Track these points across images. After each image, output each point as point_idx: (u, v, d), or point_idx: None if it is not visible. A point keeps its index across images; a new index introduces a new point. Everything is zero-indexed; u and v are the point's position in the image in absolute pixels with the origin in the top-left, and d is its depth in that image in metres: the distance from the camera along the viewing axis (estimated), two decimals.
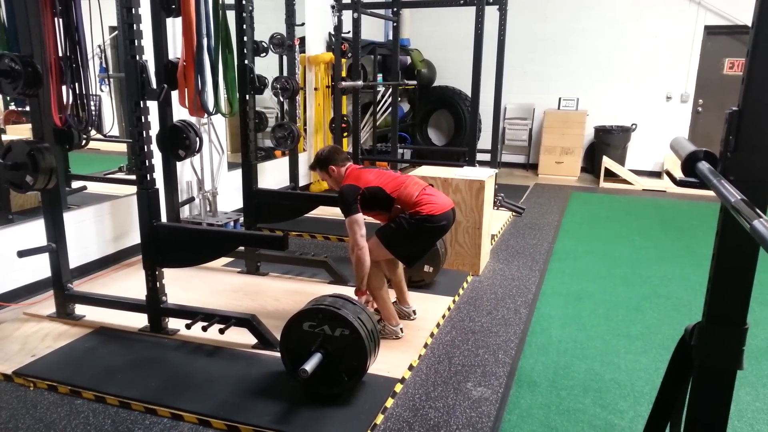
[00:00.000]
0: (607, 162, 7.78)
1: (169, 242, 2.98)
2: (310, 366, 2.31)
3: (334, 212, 5.44)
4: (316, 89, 6.61)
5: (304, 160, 6.60)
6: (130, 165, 4.73)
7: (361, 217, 2.89)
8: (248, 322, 2.93)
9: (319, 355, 2.38)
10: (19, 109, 4.19)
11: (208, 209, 4.81)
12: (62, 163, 4.08)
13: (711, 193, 1.09)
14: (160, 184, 3.00)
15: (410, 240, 2.95)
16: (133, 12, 2.66)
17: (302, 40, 6.34)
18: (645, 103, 8.11)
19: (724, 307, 1.22)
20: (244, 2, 3.53)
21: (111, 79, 4.59)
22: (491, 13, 5.60)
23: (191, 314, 2.97)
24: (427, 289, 3.75)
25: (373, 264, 2.93)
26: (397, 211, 2.94)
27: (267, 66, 5.72)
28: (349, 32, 5.83)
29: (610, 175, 7.82)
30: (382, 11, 6.99)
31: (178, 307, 3.08)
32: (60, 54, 2.77)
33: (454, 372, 2.82)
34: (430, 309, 3.44)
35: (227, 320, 2.92)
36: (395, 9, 6.42)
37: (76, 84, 2.82)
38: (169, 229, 3.04)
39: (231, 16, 3.32)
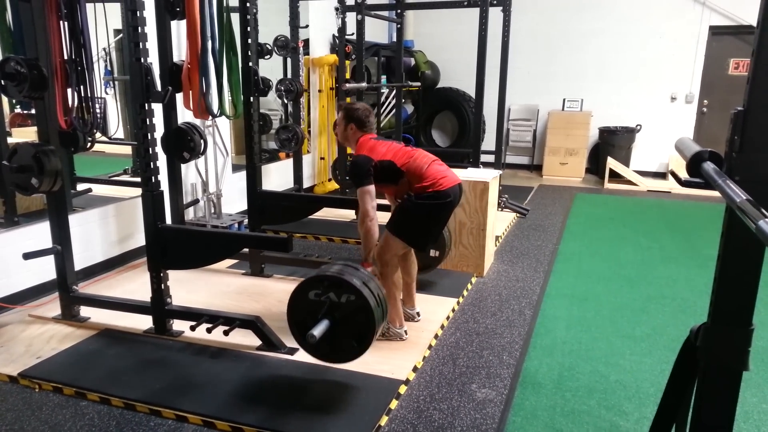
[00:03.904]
0: (611, 163, 7.76)
1: (174, 244, 2.99)
2: (318, 331, 2.27)
3: (338, 214, 5.45)
4: (320, 91, 6.62)
5: (308, 161, 6.61)
6: (134, 167, 4.74)
7: (373, 189, 2.88)
8: (253, 323, 2.93)
9: (326, 321, 2.34)
10: (25, 111, 4.21)
11: (212, 211, 4.82)
12: (67, 166, 4.09)
13: (716, 193, 1.09)
14: (164, 186, 3.01)
15: (418, 222, 2.94)
16: (138, 15, 2.68)
17: (306, 42, 6.35)
18: (649, 103, 8.09)
19: (730, 307, 1.22)
20: (248, 5, 3.54)
21: (116, 82, 4.62)
22: (495, 14, 5.60)
23: (196, 316, 2.98)
24: (432, 289, 3.75)
25: (393, 264, 2.96)
26: (404, 186, 2.93)
27: (271, 68, 5.73)
28: (352, 34, 5.84)
29: (615, 176, 7.80)
30: (385, 13, 7.00)
31: (183, 309, 3.09)
32: (65, 57, 2.78)
33: (458, 373, 2.82)
34: (434, 310, 3.43)
35: (232, 322, 2.92)
36: (399, 11, 6.43)
37: (81, 87, 2.83)
38: (174, 231, 3.05)
39: (235, 18, 3.33)
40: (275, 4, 5.66)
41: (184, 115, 3.21)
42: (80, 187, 4.42)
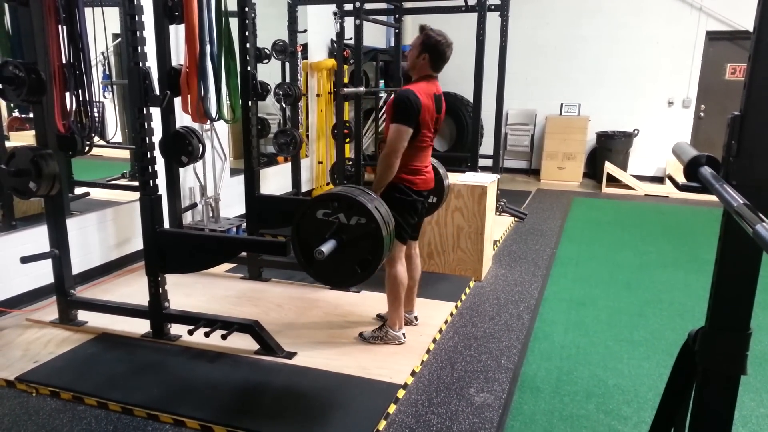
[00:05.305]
0: (609, 167, 7.77)
1: (172, 248, 2.99)
2: (326, 248, 2.20)
3: None
4: (318, 95, 6.63)
5: (306, 166, 6.61)
6: (132, 171, 4.74)
7: (410, 132, 2.73)
8: (250, 327, 2.92)
9: (334, 240, 2.27)
10: (23, 115, 4.21)
11: (210, 215, 4.81)
12: (65, 170, 4.10)
13: (713, 198, 1.09)
14: (162, 190, 3.01)
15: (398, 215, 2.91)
16: (137, 19, 2.68)
17: (304, 46, 6.36)
18: (647, 108, 8.11)
19: (728, 312, 1.22)
20: (246, 9, 3.55)
21: (114, 86, 4.62)
22: (493, 19, 5.61)
23: (194, 320, 2.97)
24: (430, 293, 3.74)
25: (398, 257, 2.95)
26: None
27: (269, 72, 5.74)
28: (351, 39, 5.84)
29: (613, 181, 7.81)
30: (384, 18, 7.02)
31: (181, 313, 3.08)
32: (63, 61, 2.79)
33: (456, 378, 2.82)
34: (432, 314, 3.43)
35: (229, 326, 2.92)
36: (397, 15, 6.44)
37: (80, 91, 2.83)
38: (172, 235, 3.05)
39: (234, 23, 3.34)
40: (274, 8, 5.67)
41: (183, 119, 3.21)
42: (78, 191, 4.42)
